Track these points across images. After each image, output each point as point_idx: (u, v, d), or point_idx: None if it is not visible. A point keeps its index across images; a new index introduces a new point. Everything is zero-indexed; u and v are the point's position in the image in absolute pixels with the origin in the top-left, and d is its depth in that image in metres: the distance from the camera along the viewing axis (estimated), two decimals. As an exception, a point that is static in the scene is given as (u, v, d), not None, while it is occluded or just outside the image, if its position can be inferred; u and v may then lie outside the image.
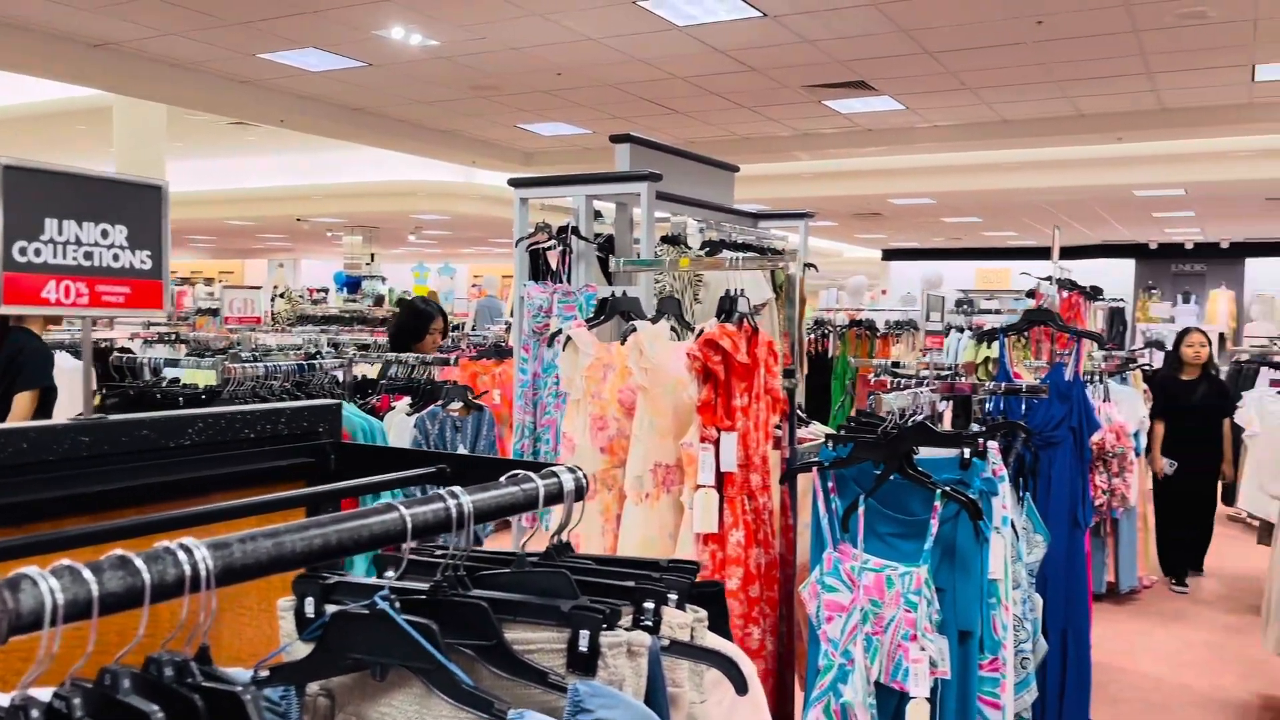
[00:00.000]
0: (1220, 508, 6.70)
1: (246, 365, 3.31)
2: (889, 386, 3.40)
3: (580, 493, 1.30)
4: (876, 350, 7.89)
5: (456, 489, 1.08)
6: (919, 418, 2.83)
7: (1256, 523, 6.22)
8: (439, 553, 1.23)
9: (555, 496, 1.26)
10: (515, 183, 4.61)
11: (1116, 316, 14.34)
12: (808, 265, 6.46)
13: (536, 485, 1.23)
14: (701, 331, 2.82)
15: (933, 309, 3.72)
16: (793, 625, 3.00)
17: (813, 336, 8.34)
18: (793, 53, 7.66)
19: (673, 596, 1.30)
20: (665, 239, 5.75)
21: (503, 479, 1.22)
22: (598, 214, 5.15)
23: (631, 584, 1.29)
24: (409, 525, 0.97)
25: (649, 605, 1.26)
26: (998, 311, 8.88)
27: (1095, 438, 4.85)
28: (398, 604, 1.03)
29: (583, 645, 1.13)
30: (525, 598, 1.19)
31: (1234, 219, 16.40)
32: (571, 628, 1.13)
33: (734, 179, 7.29)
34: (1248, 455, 6.11)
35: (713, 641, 1.32)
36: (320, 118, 10.30)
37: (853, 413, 4.35)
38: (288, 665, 1.06)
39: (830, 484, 2.70)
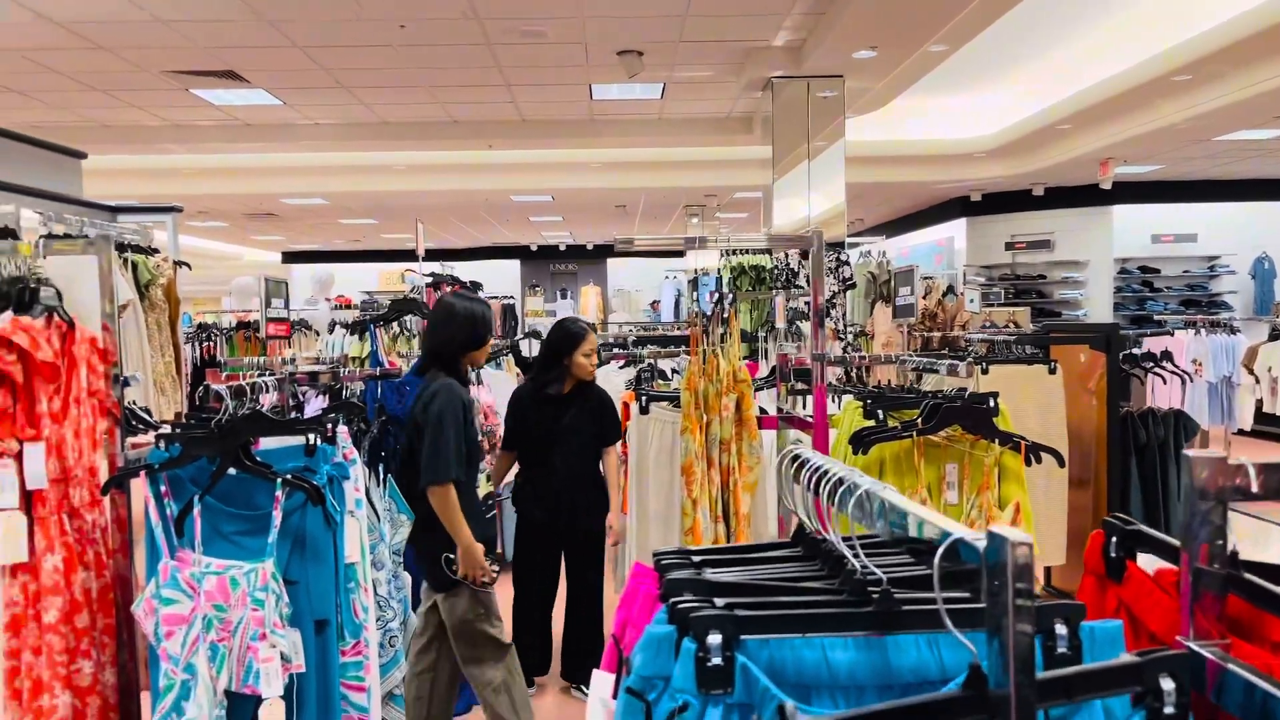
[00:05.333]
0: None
1: None
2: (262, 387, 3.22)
3: None
4: (267, 352, 7.58)
5: None
6: (264, 408, 2.71)
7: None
8: None
9: None
10: None
11: (509, 311, 15.67)
12: (179, 264, 5.97)
13: None
14: (-11, 328, 2.39)
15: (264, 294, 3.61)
16: (136, 652, 2.70)
17: (208, 344, 7.77)
18: (147, 32, 7.00)
19: None
20: (-14, 232, 4.93)
21: None
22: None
23: None
24: None
25: None
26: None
27: (464, 419, 5.14)
28: None
29: None
30: None
31: (594, 224, 18.77)
32: None
33: (81, 167, 6.46)
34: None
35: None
36: None
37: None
38: None
39: (163, 488, 2.47)
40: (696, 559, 1.24)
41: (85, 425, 2.61)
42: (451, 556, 3.26)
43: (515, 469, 4.56)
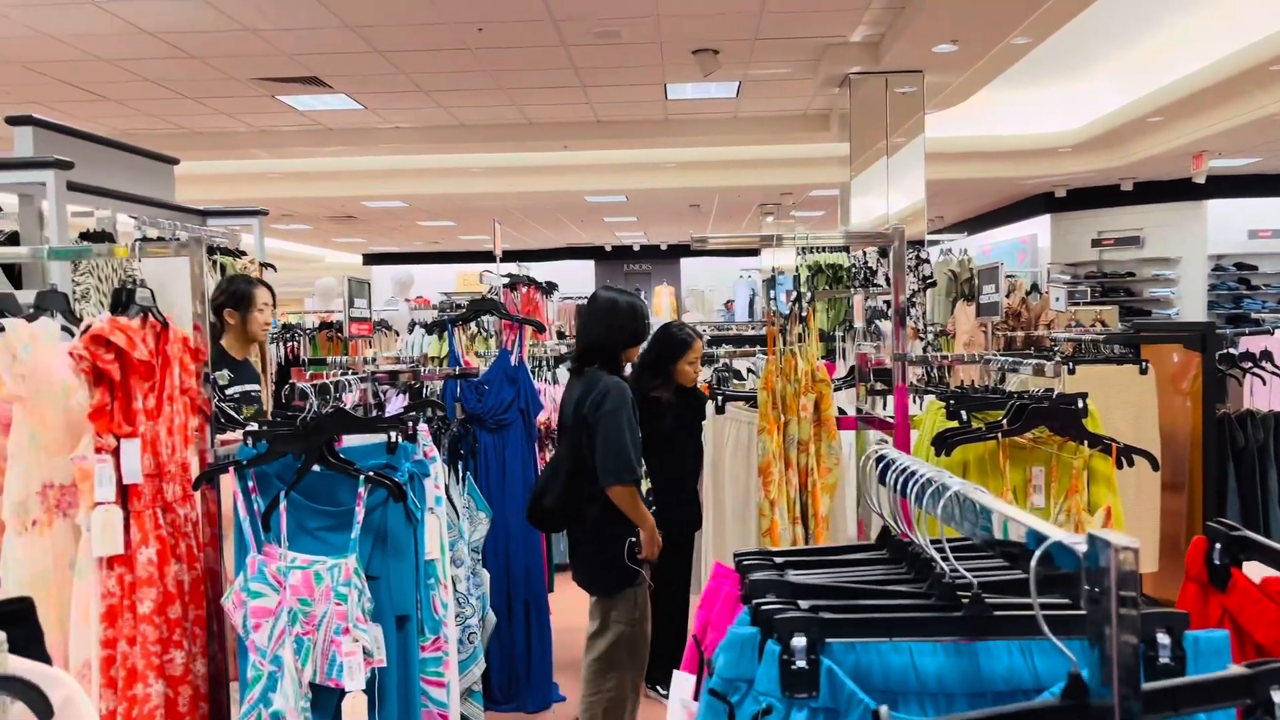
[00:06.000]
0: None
1: None
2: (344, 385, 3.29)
3: None
4: (349, 351, 7.74)
5: None
6: (347, 406, 2.76)
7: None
8: None
9: None
10: None
11: (582, 312, 15.80)
12: (265, 265, 6.13)
13: None
14: (89, 328, 2.48)
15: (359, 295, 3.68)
16: (225, 643, 2.77)
17: (293, 344, 7.97)
18: (235, 41, 7.21)
19: (-46, 622, 1.08)
20: (86, 235, 5.17)
21: None
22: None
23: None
24: None
25: (-83, 637, 1.04)
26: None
27: (541, 418, 5.19)
28: None
29: None
30: None
31: (668, 224, 18.77)
32: None
33: (173, 172, 6.68)
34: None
35: (16, 666, 1.13)
36: None
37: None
38: None
39: (251, 483, 2.54)
40: (779, 560, 1.22)
41: (178, 422, 2.69)
42: (635, 540, 3.33)
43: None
